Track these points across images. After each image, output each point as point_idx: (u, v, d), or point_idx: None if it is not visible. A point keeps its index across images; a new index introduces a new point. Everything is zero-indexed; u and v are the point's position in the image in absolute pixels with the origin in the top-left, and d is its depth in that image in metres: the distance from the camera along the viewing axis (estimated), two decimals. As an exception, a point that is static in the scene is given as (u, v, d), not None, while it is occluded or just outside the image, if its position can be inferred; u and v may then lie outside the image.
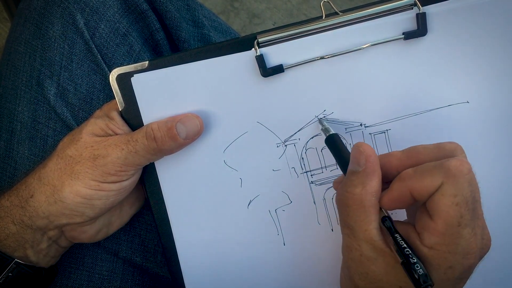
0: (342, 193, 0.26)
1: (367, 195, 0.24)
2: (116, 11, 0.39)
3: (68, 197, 0.30)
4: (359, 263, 0.25)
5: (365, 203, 0.24)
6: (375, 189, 0.25)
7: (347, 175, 0.26)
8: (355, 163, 0.26)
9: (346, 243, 0.26)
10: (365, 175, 0.25)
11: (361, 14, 0.30)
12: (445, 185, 0.22)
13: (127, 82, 0.31)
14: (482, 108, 0.32)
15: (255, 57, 0.31)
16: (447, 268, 0.23)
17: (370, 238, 0.24)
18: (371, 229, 0.24)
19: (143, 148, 0.30)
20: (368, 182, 0.25)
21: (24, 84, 0.37)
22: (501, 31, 0.31)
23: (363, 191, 0.25)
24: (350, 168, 0.26)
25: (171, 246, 0.34)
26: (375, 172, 0.25)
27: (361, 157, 0.25)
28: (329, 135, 0.30)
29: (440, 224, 0.22)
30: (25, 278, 0.31)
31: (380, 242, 0.24)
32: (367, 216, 0.24)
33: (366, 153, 0.25)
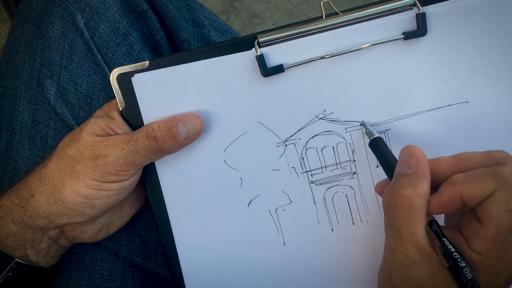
0: (391, 194, 0.25)
1: (417, 197, 0.24)
2: (116, 11, 0.39)
3: (69, 197, 0.30)
4: (403, 266, 0.25)
5: (414, 205, 0.24)
6: (425, 191, 0.25)
7: (396, 177, 0.26)
8: (405, 165, 0.25)
9: (390, 245, 0.26)
10: (416, 177, 0.25)
11: (361, 14, 0.30)
12: (498, 192, 0.22)
13: (127, 81, 0.32)
14: (482, 108, 0.32)
15: (256, 57, 0.31)
16: (494, 274, 0.23)
17: (417, 240, 0.24)
18: (419, 232, 0.24)
19: (144, 148, 0.30)
20: (418, 185, 0.25)
21: (24, 84, 0.37)
22: (501, 31, 0.31)
23: (413, 193, 0.24)
24: (399, 170, 0.26)
25: (171, 246, 0.34)
26: (426, 175, 0.25)
27: (412, 160, 0.25)
28: (373, 138, 0.30)
29: (491, 230, 0.22)
30: (25, 278, 0.31)
31: (426, 245, 0.24)
32: (415, 219, 0.24)
33: (417, 156, 0.25)
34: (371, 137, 0.30)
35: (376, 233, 0.34)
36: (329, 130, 0.33)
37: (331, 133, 0.33)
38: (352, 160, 0.33)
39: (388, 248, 0.26)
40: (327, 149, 0.33)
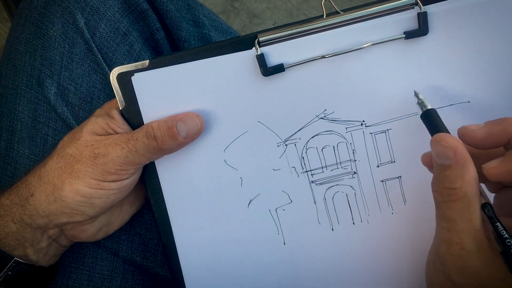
0: (440, 190, 0.25)
1: (468, 186, 0.24)
2: (117, 10, 0.39)
3: (68, 196, 0.30)
4: (459, 258, 0.24)
5: (468, 194, 0.24)
6: (474, 177, 0.24)
7: (438, 171, 0.25)
8: (443, 157, 0.25)
9: (444, 237, 0.25)
10: (459, 167, 0.24)
11: (362, 13, 0.30)
12: None
13: (127, 81, 0.31)
14: (483, 108, 0.32)
15: (256, 56, 0.31)
16: None
17: (473, 228, 0.24)
18: (474, 219, 0.24)
19: (144, 147, 0.30)
20: (466, 173, 0.24)
21: (25, 83, 0.37)
22: (503, 30, 0.31)
23: (464, 183, 0.24)
24: (438, 162, 0.25)
25: (171, 245, 0.34)
26: (469, 161, 0.24)
27: (448, 150, 0.24)
28: (427, 110, 0.29)
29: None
30: (25, 277, 0.31)
31: (482, 232, 0.24)
32: (470, 206, 0.24)
33: (452, 145, 0.24)
34: (424, 108, 0.29)
35: (377, 233, 0.34)
36: (330, 129, 0.32)
37: (331, 133, 0.33)
38: (352, 160, 0.33)
39: (442, 240, 0.25)
40: (328, 148, 0.33)
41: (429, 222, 0.33)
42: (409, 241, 0.34)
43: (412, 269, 0.34)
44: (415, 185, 0.33)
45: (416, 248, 0.34)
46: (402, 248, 0.34)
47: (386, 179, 0.33)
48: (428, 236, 0.34)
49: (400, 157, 0.33)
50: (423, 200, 0.33)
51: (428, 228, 0.33)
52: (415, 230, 0.34)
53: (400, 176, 0.33)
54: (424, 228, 0.33)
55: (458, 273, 0.25)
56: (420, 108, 0.29)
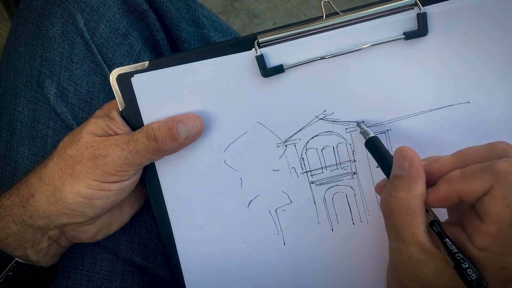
0: (387, 198, 0.25)
1: (412, 199, 0.24)
2: (116, 11, 0.39)
3: (69, 197, 0.30)
4: (409, 266, 0.25)
5: (411, 207, 0.24)
6: (420, 192, 0.25)
7: (391, 179, 0.26)
8: (399, 167, 0.25)
9: (393, 247, 0.26)
10: (410, 179, 0.25)
11: (361, 14, 0.30)
12: (495, 188, 0.22)
13: (127, 82, 0.31)
14: (483, 108, 0.32)
15: (256, 57, 0.31)
16: (501, 268, 0.23)
17: (418, 241, 0.24)
18: (419, 232, 0.24)
19: (144, 148, 0.30)
20: (413, 186, 0.24)
21: (24, 84, 0.37)
22: (502, 31, 0.31)
23: (409, 195, 0.24)
24: (393, 172, 0.26)
25: (171, 246, 0.34)
26: (420, 176, 0.25)
27: (405, 161, 0.25)
28: (369, 138, 0.30)
29: (492, 226, 0.22)
30: (25, 277, 0.31)
31: (429, 244, 0.24)
32: (413, 220, 0.24)
33: (409, 157, 0.25)
34: (367, 136, 0.30)
35: (376, 233, 0.34)
36: (329, 130, 0.32)
37: (331, 134, 0.33)
38: (352, 161, 0.33)
39: (392, 249, 0.26)
40: (327, 149, 0.33)
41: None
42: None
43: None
44: (415, 185, 0.33)
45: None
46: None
47: (385, 180, 0.33)
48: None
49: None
50: (422, 200, 0.33)
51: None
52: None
53: (399, 177, 0.33)
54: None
55: (410, 282, 0.25)
56: (363, 136, 0.30)
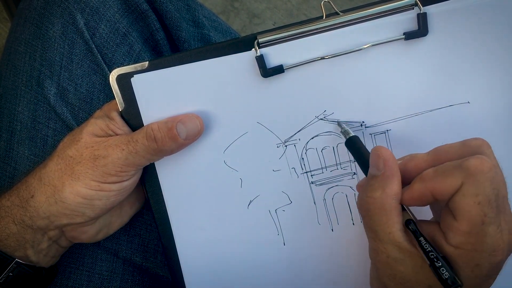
0: (363, 197, 0.26)
1: (387, 198, 0.25)
2: (116, 11, 0.39)
3: (69, 198, 0.30)
4: (387, 265, 0.25)
5: (386, 206, 0.24)
6: (394, 191, 0.25)
7: (367, 179, 0.26)
8: (374, 167, 0.26)
9: (372, 246, 0.26)
10: (384, 178, 0.25)
11: (361, 14, 0.30)
12: (465, 185, 0.22)
13: (127, 82, 0.31)
14: (483, 108, 0.32)
15: (255, 58, 0.31)
16: (474, 266, 0.23)
17: (394, 240, 0.24)
18: (395, 231, 0.24)
19: (144, 149, 0.30)
20: (387, 185, 0.25)
21: (24, 84, 0.37)
22: (502, 31, 0.31)
23: (383, 195, 0.25)
24: (370, 172, 0.26)
25: (171, 246, 0.34)
26: (394, 175, 0.25)
27: (380, 161, 0.25)
28: (349, 137, 0.30)
29: (464, 224, 0.22)
30: (26, 278, 0.31)
31: (405, 243, 0.24)
32: (389, 219, 0.24)
33: (384, 156, 0.25)
34: (347, 136, 0.30)
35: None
36: (329, 130, 0.32)
37: (331, 134, 0.33)
38: (352, 161, 0.33)
39: (371, 248, 0.26)
40: (327, 149, 0.33)
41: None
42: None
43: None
44: (415, 185, 0.33)
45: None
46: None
47: (385, 180, 0.33)
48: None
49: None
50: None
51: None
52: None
53: (399, 177, 0.33)
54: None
55: (389, 280, 0.25)
56: (343, 136, 0.31)
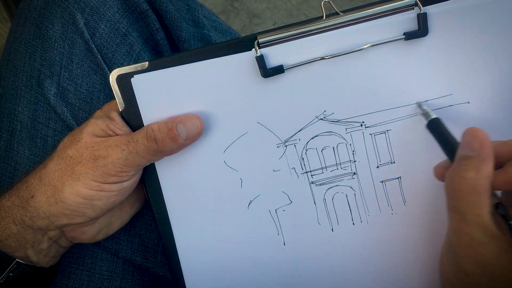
0: (453, 177, 0.25)
1: (481, 179, 0.24)
2: (116, 11, 0.38)
3: (69, 198, 0.30)
4: (469, 248, 0.25)
5: (478, 188, 0.24)
6: (489, 174, 0.25)
7: (458, 160, 0.26)
8: (468, 148, 0.25)
9: (455, 227, 0.26)
10: (480, 160, 0.25)
11: (361, 14, 0.30)
12: None
13: (127, 82, 0.31)
14: (483, 108, 0.32)
15: (256, 58, 0.31)
16: None
17: (482, 222, 0.24)
18: (484, 214, 0.24)
19: (144, 149, 0.30)
20: (482, 167, 0.25)
21: (24, 84, 0.37)
22: (502, 31, 0.31)
23: (478, 176, 0.24)
24: (461, 153, 0.26)
25: (171, 246, 0.34)
26: (490, 157, 0.25)
27: (475, 142, 0.25)
28: (431, 119, 0.29)
29: None
30: (26, 278, 0.31)
31: (493, 226, 0.24)
32: (480, 201, 0.24)
33: (480, 138, 0.25)
34: (429, 118, 0.30)
35: (376, 233, 0.34)
36: (329, 130, 0.32)
37: (331, 134, 0.33)
38: (352, 161, 0.33)
39: (453, 231, 0.26)
40: (327, 149, 0.33)
41: (429, 223, 0.34)
42: (408, 241, 0.34)
43: (412, 269, 0.34)
44: (415, 185, 0.33)
45: (415, 248, 0.34)
46: (402, 249, 0.34)
47: (385, 180, 0.33)
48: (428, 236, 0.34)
49: (399, 158, 0.33)
50: (422, 200, 0.33)
51: (427, 228, 0.34)
52: (415, 230, 0.34)
53: (399, 177, 0.33)
54: (423, 228, 0.34)
55: (469, 263, 0.25)
56: (424, 118, 0.30)
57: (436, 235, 0.33)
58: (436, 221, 0.33)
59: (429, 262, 0.34)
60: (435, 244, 0.34)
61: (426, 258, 0.34)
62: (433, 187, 0.33)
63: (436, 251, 0.34)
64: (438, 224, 0.33)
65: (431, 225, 0.34)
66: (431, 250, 0.34)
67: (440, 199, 0.33)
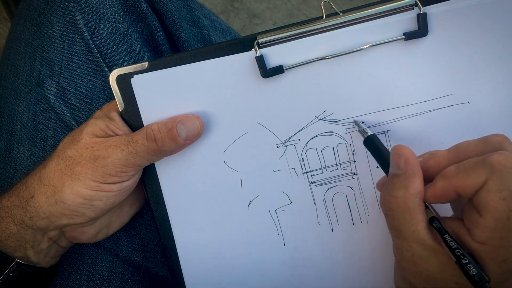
0: (385, 197, 0.26)
1: (410, 197, 0.24)
2: (116, 11, 0.39)
3: (69, 198, 0.30)
4: (412, 263, 0.25)
5: (409, 205, 0.24)
6: (417, 190, 0.25)
7: (389, 179, 0.26)
8: (395, 166, 0.26)
9: (396, 245, 0.26)
10: (406, 177, 0.25)
11: (361, 14, 0.30)
12: (490, 181, 0.22)
13: (127, 83, 0.31)
14: (483, 108, 0.32)
15: (255, 58, 0.31)
16: (501, 261, 0.23)
17: (419, 238, 0.24)
18: (419, 230, 0.24)
19: (144, 149, 0.30)
20: (410, 184, 0.25)
21: (24, 84, 0.37)
22: (502, 31, 0.31)
23: (406, 194, 0.25)
24: (391, 171, 0.26)
25: (171, 246, 0.34)
26: (416, 174, 0.25)
27: (401, 160, 0.25)
28: (368, 136, 0.30)
29: (490, 220, 0.22)
30: (26, 278, 0.31)
31: (430, 241, 0.24)
32: (413, 218, 0.24)
33: (405, 155, 0.25)
34: (365, 135, 0.30)
35: (376, 233, 0.34)
36: (329, 131, 0.32)
37: (331, 134, 0.33)
38: (352, 161, 0.33)
39: (395, 247, 0.26)
40: (327, 149, 0.33)
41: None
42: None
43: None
44: (415, 186, 0.33)
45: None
46: (402, 249, 0.34)
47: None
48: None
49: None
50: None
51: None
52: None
53: (399, 177, 0.33)
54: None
55: (414, 278, 0.25)
56: (361, 135, 0.31)
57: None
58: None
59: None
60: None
61: None
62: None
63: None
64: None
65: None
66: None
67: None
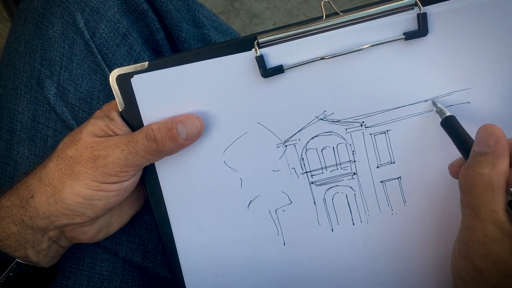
0: (468, 173, 0.25)
1: (496, 175, 0.24)
2: (116, 11, 0.39)
3: (69, 198, 0.30)
4: (482, 244, 0.25)
5: (493, 183, 0.24)
6: (504, 170, 0.25)
7: (473, 156, 0.26)
8: (483, 144, 0.25)
9: (468, 223, 0.26)
10: (495, 156, 0.25)
11: (361, 14, 0.30)
12: None
13: (127, 82, 0.31)
14: (483, 108, 0.32)
15: (255, 58, 0.31)
16: None
17: (497, 219, 0.24)
18: (499, 210, 0.24)
19: (144, 149, 0.30)
20: (498, 163, 0.25)
21: (24, 84, 0.37)
22: (502, 31, 0.31)
23: (493, 172, 0.24)
24: (476, 149, 0.26)
25: (171, 246, 0.34)
26: (505, 154, 0.25)
27: (491, 138, 0.25)
28: (446, 117, 0.30)
29: None
30: (26, 278, 0.31)
31: (507, 223, 0.24)
32: (495, 197, 0.24)
33: (496, 134, 0.25)
34: (443, 115, 0.30)
35: (376, 233, 0.34)
36: (329, 130, 0.32)
37: (331, 134, 0.33)
38: (352, 161, 0.33)
39: (466, 226, 0.26)
40: (327, 149, 0.33)
41: (429, 223, 0.34)
42: (408, 241, 0.34)
43: (412, 269, 0.34)
44: (415, 185, 0.33)
45: (415, 249, 0.34)
46: (402, 249, 0.34)
47: (385, 180, 0.33)
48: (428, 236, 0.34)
49: (399, 158, 0.33)
50: (422, 200, 0.33)
51: (428, 228, 0.34)
52: (415, 230, 0.34)
53: (399, 177, 0.33)
54: (423, 228, 0.34)
55: (482, 260, 0.25)
56: (439, 116, 0.30)
57: (436, 235, 0.34)
58: (436, 221, 0.33)
59: (429, 262, 0.34)
60: (435, 244, 0.34)
61: (426, 258, 0.34)
62: (433, 187, 0.33)
63: (436, 251, 0.34)
64: (438, 224, 0.33)
65: (431, 225, 0.34)
66: (431, 250, 0.34)
67: (440, 199, 0.33)
